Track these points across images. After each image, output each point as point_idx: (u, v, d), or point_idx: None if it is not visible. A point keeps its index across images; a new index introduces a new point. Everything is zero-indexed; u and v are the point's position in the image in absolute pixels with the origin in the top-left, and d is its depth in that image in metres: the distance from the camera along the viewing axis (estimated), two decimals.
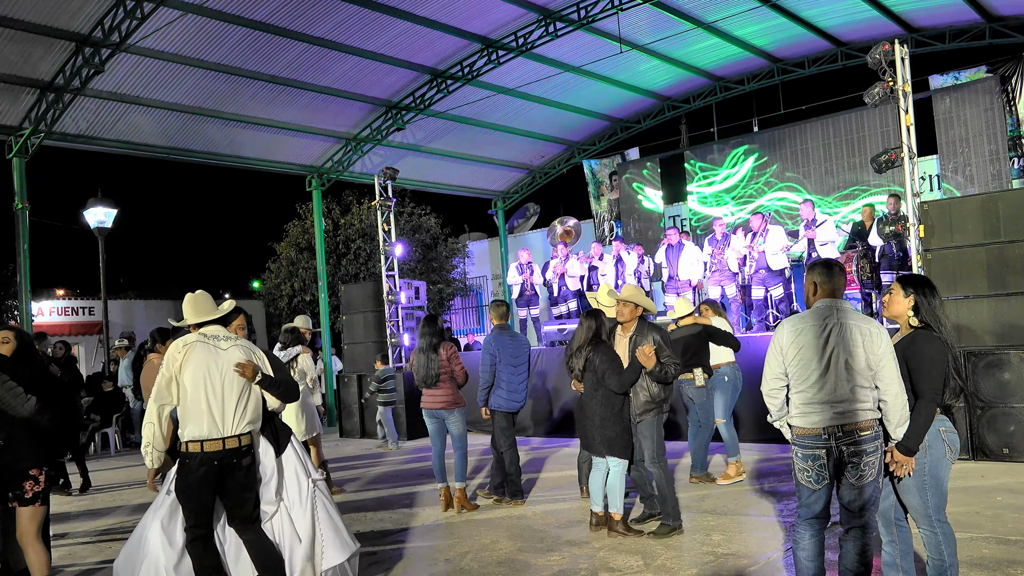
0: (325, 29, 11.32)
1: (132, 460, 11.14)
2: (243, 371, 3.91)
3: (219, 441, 3.85)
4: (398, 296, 12.36)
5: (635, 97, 15.58)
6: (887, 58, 7.75)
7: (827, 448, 3.34)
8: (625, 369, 5.25)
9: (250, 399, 3.96)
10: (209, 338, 4.00)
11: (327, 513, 4.22)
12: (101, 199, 14.88)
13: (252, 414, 3.96)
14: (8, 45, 10.04)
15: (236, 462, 3.87)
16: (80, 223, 15.70)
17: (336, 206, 19.35)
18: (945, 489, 3.39)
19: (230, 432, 3.87)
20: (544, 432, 10.69)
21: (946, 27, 12.85)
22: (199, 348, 3.93)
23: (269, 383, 4.01)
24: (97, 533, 6.56)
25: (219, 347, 3.98)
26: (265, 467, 4.09)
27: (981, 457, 6.90)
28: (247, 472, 3.92)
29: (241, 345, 4.05)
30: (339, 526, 4.25)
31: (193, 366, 3.88)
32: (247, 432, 3.92)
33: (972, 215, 7.18)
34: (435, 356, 6.32)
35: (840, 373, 3.31)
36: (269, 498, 4.06)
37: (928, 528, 3.37)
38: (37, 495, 4.24)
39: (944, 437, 3.37)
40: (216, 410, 3.86)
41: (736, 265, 10.75)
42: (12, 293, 16.90)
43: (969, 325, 7.09)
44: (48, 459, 4.33)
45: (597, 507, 5.43)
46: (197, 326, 4.06)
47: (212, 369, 3.89)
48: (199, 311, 4.06)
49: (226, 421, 3.87)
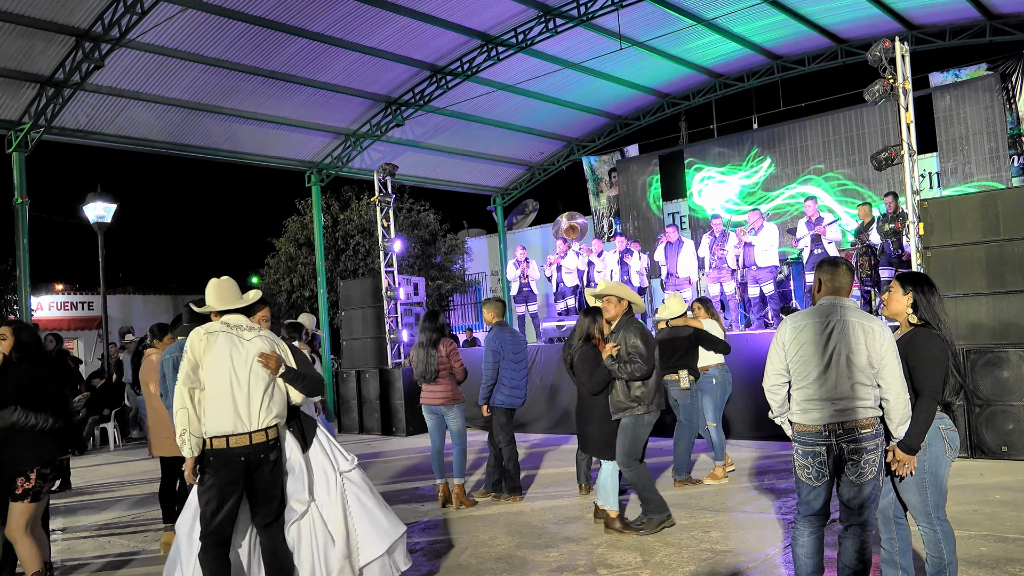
0: (325, 25, 11.30)
1: (130, 455, 11.15)
2: (267, 362, 3.73)
3: (246, 436, 3.64)
4: (397, 292, 12.36)
5: (635, 94, 15.56)
6: (887, 55, 7.75)
7: (827, 445, 3.34)
8: (596, 369, 5.25)
9: (275, 392, 3.79)
10: (232, 328, 3.81)
11: (361, 505, 4.04)
12: (100, 194, 14.88)
13: (278, 407, 3.79)
14: (8, 39, 10.01)
15: (264, 457, 3.68)
16: (79, 218, 15.71)
17: (335, 202, 19.33)
18: (945, 487, 3.39)
19: (257, 426, 3.67)
20: (543, 428, 10.71)
21: (946, 24, 12.84)
22: (222, 338, 3.74)
23: (293, 376, 3.84)
24: (96, 528, 6.57)
25: (243, 337, 3.79)
26: (292, 464, 3.92)
27: (979, 455, 6.92)
28: (274, 468, 3.75)
29: (264, 336, 3.87)
30: (376, 515, 4.08)
31: (216, 356, 3.69)
32: (274, 425, 3.75)
33: (971, 213, 7.18)
34: (434, 352, 6.33)
35: (841, 370, 3.31)
36: (299, 497, 3.88)
37: (927, 525, 3.37)
38: (27, 492, 4.16)
39: (944, 435, 3.37)
40: (242, 403, 3.66)
41: (734, 262, 10.79)
42: (11, 288, 16.88)
43: (968, 323, 7.10)
44: (44, 458, 4.22)
45: (599, 500, 5.47)
46: (219, 314, 3.89)
47: (237, 360, 3.71)
48: (223, 298, 3.88)
49: (252, 414, 3.67)
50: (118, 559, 5.59)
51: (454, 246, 20.04)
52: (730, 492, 6.38)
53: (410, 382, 11.21)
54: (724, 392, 6.84)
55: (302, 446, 3.98)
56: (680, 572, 4.48)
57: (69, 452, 4.38)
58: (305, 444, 4.00)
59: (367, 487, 4.17)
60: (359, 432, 12.15)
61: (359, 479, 4.15)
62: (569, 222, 15.55)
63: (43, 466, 4.21)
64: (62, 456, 4.36)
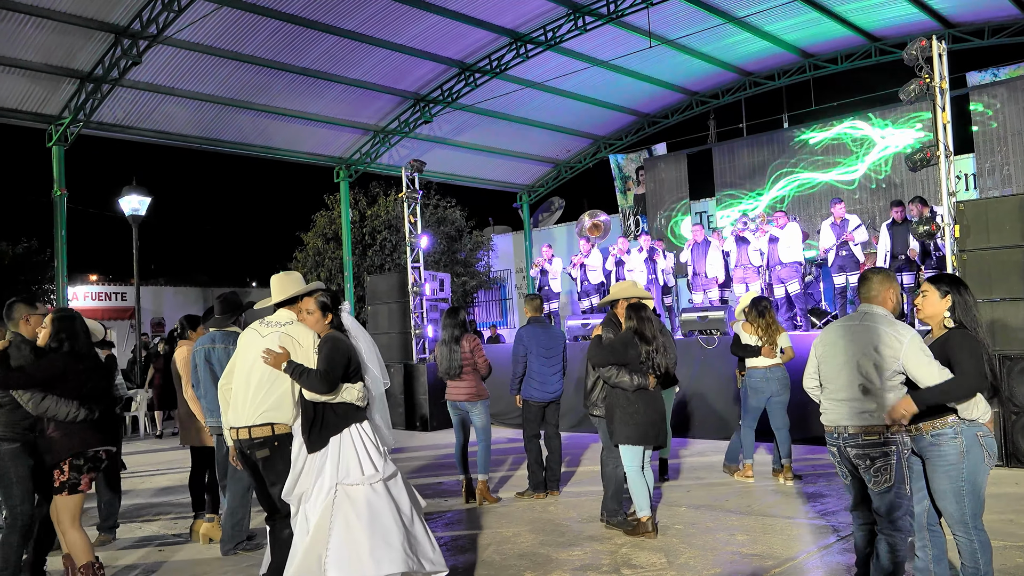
0: (356, 22, 11.40)
1: (161, 444, 11.37)
2: (267, 358, 3.74)
3: (234, 431, 3.91)
4: (423, 288, 12.44)
5: (663, 92, 15.46)
6: (924, 54, 7.60)
7: (837, 447, 3.49)
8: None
9: (273, 389, 3.81)
10: (263, 324, 3.96)
11: (346, 525, 3.63)
12: (136, 187, 15.16)
13: (272, 405, 3.79)
14: (50, 36, 10.26)
15: (250, 453, 3.83)
16: (115, 210, 16.03)
17: (363, 197, 19.49)
18: (982, 495, 3.35)
19: (244, 423, 3.82)
20: (567, 427, 10.69)
21: (984, 22, 12.57)
22: (247, 336, 3.96)
23: (294, 371, 3.74)
24: (123, 514, 6.70)
25: (261, 334, 3.88)
26: (296, 463, 3.82)
27: (1015, 464, 6.77)
28: (265, 464, 3.84)
29: (284, 332, 3.87)
30: (360, 542, 3.60)
31: (239, 354, 3.95)
32: (264, 424, 3.80)
33: (1009, 215, 7.02)
34: (457, 348, 6.36)
35: (852, 374, 3.40)
36: (297, 495, 3.81)
37: (964, 535, 3.32)
38: (63, 484, 4.12)
39: (982, 442, 3.32)
40: (240, 399, 3.82)
41: (759, 260, 10.73)
42: (49, 277, 17.29)
43: (1005, 328, 6.95)
44: (75, 449, 4.12)
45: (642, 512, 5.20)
46: (277, 307, 4.03)
47: (248, 357, 3.87)
48: (281, 291, 4.06)
49: (245, 410, 3.80)
50: (149, 544, 5.70)
51: (480, 243, 20.10)
52: (757, 494, 6.33)
53: (434, 377, 11.23)
54: (758, 394, 6.75)
55: (306, 446, 3.77)
56: (705, 574, 4.46)
57: (110, 446, 4.28)
58: (309, 445, 3.76)
59: (368, 510, 3.68)
60: None
61: (363, 498, 3.70)
62: (592, 220, 15.50)
63: (75, 457, 4.13)
64: (97, 448, 4.20)
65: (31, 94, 11.17)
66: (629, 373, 5.10)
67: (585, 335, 10.96)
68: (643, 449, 5.18)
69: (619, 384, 5.14)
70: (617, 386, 5.16)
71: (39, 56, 10.53)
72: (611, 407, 5.24)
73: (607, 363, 5.16)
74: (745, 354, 6.74)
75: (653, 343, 5.14)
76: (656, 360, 5.15)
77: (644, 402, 5.13)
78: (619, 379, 5.12)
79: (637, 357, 5.11)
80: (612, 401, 5.23)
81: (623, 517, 5.42)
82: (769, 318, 6.73)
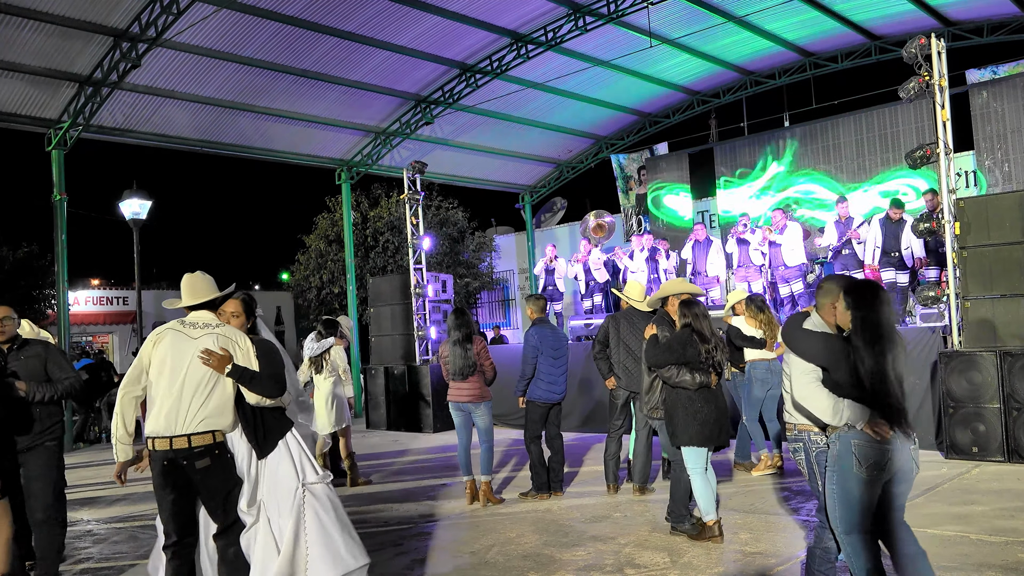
0: (356, 24, 11.41)
1: None
2: (207, 359, 3.51)
3: (167, 440, 3.48)
4: (425, 289, 12.45)
5: (664, 91, 15.47)
6: (923, 52, 7.60)
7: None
8: None
9: (213, 394, 3.55)
10: (186, 325, 3.66)
11: (319, 524, 3.69)
12: (136, 191, 15.19)
13: (213, 411, 3.54)
14: (49, 40, 10.28)
15: (187, 464, 3.48)
16: (115, 214, 16.08)
17: (365, 199, 19.52)
18: (856, 503, 3.27)
19: (181, 431, 3.48)
20: (572, 427, 10.70)
21: (984, 20, 12.56)
22: (168, 337, 3.61)
23: (241, 375, 3.55)
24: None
25: (190, 335, 3.61)
26: (242, 470, 3.69)
27: (1017, 460, 6.76)
28: (206, 475, 3.52)
29: (219, 334, 3.63)
30: (333, 539, 3.72)
31: (159, 357, 3.56)
32: (205, 431, 3.51)
33: (1009, 212, 7.02)
34: (470, 347, 6.37)
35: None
36: (245, 506, 3.66)
37: (840, 539, 3.36)
38: None
39: (854, 450, 3.26)
40: (170, 405, 3.49)
41: (760, 258, 10.75)
42: (50, 282, 17.31)
43: (1006, 324, 6.94)
44: None
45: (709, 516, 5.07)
46: (188, 310, 3.74)
47: (177, 360, 3.54)
48: (193, 294, 3.74)
49: (179, 418, 3.48)
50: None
51: (482, 243, 20.11)
52: (760, 493, 6.33)
53: (437, 379, 11.28)
54: (762, 385, 6.87)
55: (258, 452, 3.70)
56: (709, 573, 4.46)
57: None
58: (260, 450, 3.70)
59: (332, 506, 3.80)
60: (386, 428, 12.25)
61: (325, 496, 3.79)
62: (597, 220, 15.49)
63: None
64: None
65: (30, 98, 11.18)
66: (691, 371, 4.93)
67: (588, 335, 10.96)
68: (707, 450, 5.05)
69: (681, 383, 4.95)
70: (679, 386, 4.98)
71: (38, 60, 10.54)
72: (672, 408, 5.06)
73: (667, 363, 4.99)
74: (751, 345, 6.84)
75: (711, 340, 5.02)
76: (716, 357, 5.02)
77: (706, 400, 4.97)
78: (680, 378, 4.94)
79: (697, 355, 4.94)
80: (673, 401, 5.05)
81: (691, 524, 5.18)
82: (768, 313, 6.87)
